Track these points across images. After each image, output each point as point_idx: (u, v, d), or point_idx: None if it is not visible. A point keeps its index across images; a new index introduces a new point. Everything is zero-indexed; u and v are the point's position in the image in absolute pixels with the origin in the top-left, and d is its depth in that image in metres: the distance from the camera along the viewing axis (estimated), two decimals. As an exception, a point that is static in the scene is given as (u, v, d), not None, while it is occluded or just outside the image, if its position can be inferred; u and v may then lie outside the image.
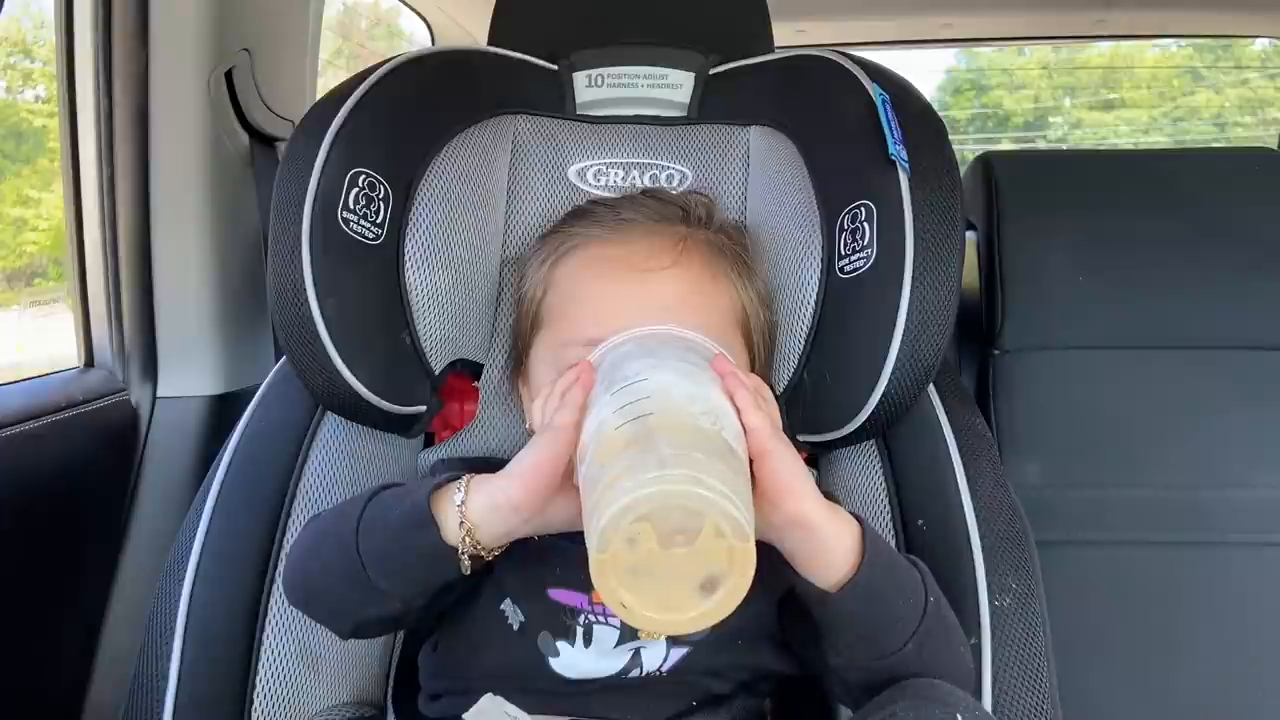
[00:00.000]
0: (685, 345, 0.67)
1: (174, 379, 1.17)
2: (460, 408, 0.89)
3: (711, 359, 0.66)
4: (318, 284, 0.78)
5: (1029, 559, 0.77)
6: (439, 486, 0.64)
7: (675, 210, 0.81)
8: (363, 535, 0.65)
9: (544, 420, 0.64)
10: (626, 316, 0.70)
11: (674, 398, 0.58)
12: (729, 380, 0.63)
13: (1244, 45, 6.58)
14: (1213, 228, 1.33)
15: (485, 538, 0.62)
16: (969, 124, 9.62)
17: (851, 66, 0.87)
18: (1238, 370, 1.32)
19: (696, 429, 0.55)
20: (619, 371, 0.62)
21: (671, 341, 0.67)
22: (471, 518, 0.62)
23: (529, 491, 0.61)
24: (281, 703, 0.76)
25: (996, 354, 1.34)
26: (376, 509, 0.66)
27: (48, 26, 1.12)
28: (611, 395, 0.59)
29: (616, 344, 0.67)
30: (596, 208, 0.84)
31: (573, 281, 0.78)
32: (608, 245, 0.78)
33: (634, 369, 0.61)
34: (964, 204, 0.80)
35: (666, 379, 0.60)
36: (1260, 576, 1.29)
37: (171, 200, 1.14)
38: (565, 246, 0.80)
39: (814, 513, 0.61)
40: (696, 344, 0.68)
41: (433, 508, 0.63)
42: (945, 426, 0.82)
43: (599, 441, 0.57)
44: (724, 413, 0.59)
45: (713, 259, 0.78)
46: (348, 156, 0.81)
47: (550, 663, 0.70)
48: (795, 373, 0.82)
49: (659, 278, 0.75)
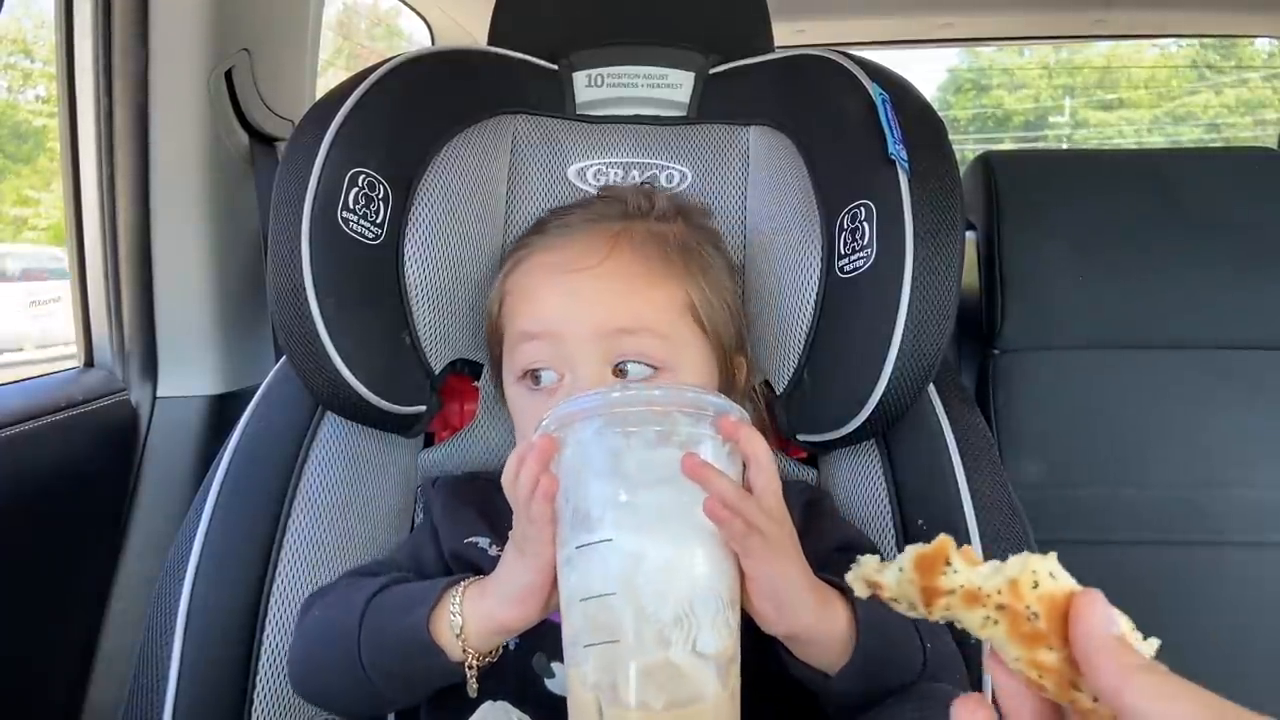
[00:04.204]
0: (656, 434, 0.57)
1: (174, 379, 1.17)
2: (460, 407, 0.89)
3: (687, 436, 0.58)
4: (317, 284, 0.78)
5: (1029, 559, 0.77)
6: (435, 605, 0.66)
7: (615, 205, 0.81)
8: (367, 652, 0.67)
9: (516, 515, 0.62)
10: (559, 315, 0.73)
11: (640, 594, 0.54)
12: (712, 492, 0.57)
13: (1246, 45, 6.58)
14: (1213, 227, 1.33)
15: (486, 649, 0.66)
16: (969, 124, 9.61)
17: (851, 66, 0.87)
18: (1238, 370, 1.32)
19: (664, 664, 0.53)
20: (583, 503, 0.57)
21: (640, 428, 0.57)
22: (472, 644, 0.65)
23: (524, 614, 0.63)
24: (281, 703, 0.76)
25: (996, 354, 1.35)
26: (378, 627, 0.68)
27: (48, 26, 1.12)
28: (575, 559, 0.56)
29: (576, 424, 0.58)
30: (550, 217, 0.84)
31: (519, 289, 0.78)
32: (548, 252, 0.78)
33: (598, 512, 0.56)
34: (964, 204, 0.80)
35: (633, 548, 0.55)
36: (1260, 576, 1.29)
37: (171, 200, 1.14)
38: (515, 257, 0.80)
39: (804, 627, 0.61)
40: (672, 420, 0.58)
41: (433, 631, 0.65)
42: (945, 426, 0.82)
43: (571, 664, 0.56)
44: (699, 594, 0.55)
45: (650, 251, 0.76)
46: (347, 156, 0.81)
47: (545, 683, 0.70)
48: (795, 372, 0.82)
49: (588, 275, 0.74)
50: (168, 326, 1.17)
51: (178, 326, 1.17)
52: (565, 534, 0.58)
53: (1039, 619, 0.39)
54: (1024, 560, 0.40)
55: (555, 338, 0.72)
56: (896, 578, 0.43)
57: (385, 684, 0.67)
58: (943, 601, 0.41)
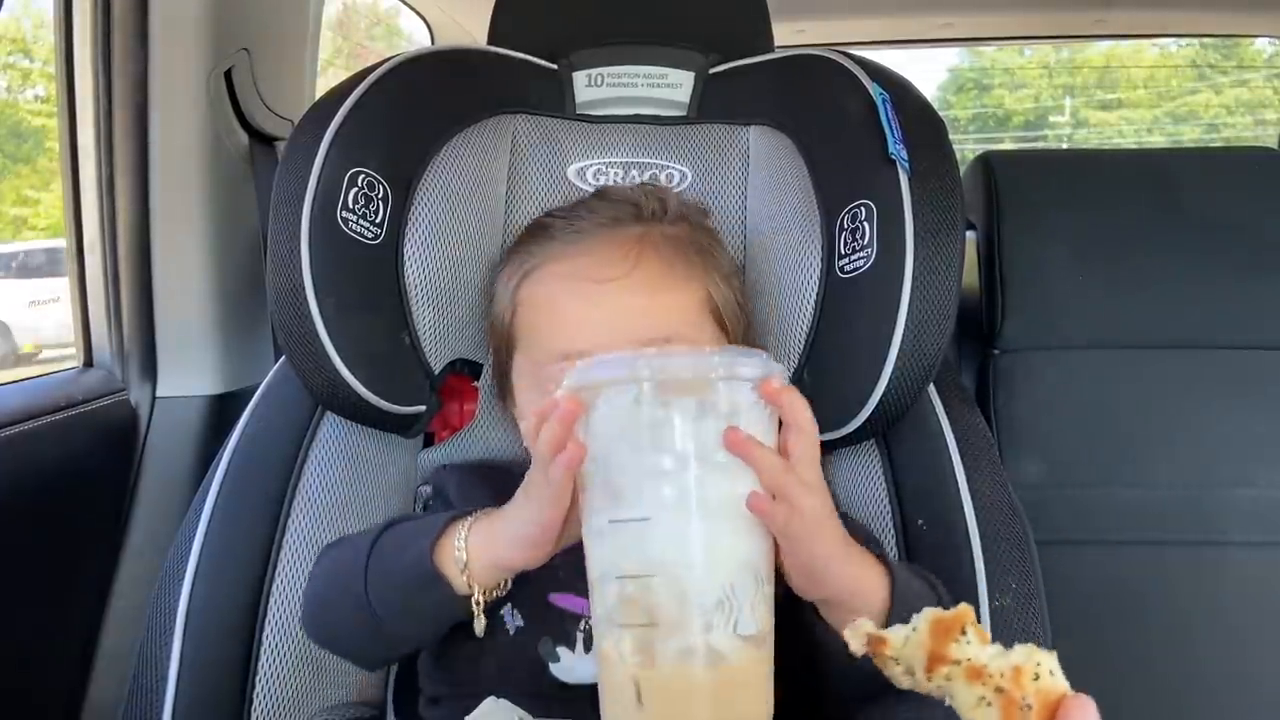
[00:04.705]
0: (696, 405, 0.54)
1: (173, 379, 1.17)
2: (460, 407, 0.89)
3: (753, 382, 0.55)
4: (317, 284, 0.78)
5: (1029, 559, 0.77)
6: (440, 537, 0.65)
7: (627, 209, 0.80)
8: (373, 587, 0.66)
9: (535, 454, 0.59)
10: (592, 331, 0.71)
11: (681, 578, 0.52)
12: (754, 460, 0.55)
13: (1246, 45, 6.58)
14: (1213, 227, 1.33)
15: (491, 583, 0.65)
16: (970, 123, 9.61)
17: (851, 66, 0.86)
18: (1238, 370, 1.32)
19: (705, 648, 0.53)
20: (616, 475, 0.54)
21: (680, 398, 0.54)
22: (477, 579, 0.64)
23: (532, 557, 0.62)
24: (281, 703, 0.76)
25: (996, 353, 1.34)
26: (381, 561, 0.67)
27: (47, 26, 1.12)
28: (607, 532, 0.54)
29: (608, 390, 0.55)
30: (554, 220, 0.82)
31: (537, 301, 0.77)
32: (564, 261, 0.77)
33: (633, 487, 0.54)
34: (964, 204, 0.80)
35: (673, 529, 0.53)
36: (1260, 576, 1.29)
37: (171, 200, 1.14)
38: (528, 265, 0.79)
39: (839, 592, 0.60)
40: (713, 398, 0.55)
41: (437, 562, 0.64)
42: (945, 426, 0.82)
43: (603, 664, 0.55)
44: (740, 576, 0.54)
45: (671, 255, 0.77)
46: (347, 156, 0.81)
47: (550, 668, 0.70)
48: (795, 372, 0.82)
49: (616, 288, 0.73)
50: (167, 326, 1.17)
51: (177, 326, 1.17)
52: (595, 503, 0.55)
53: (1031, 711, 0.40)
54: (1030, 651, 0.41)
55: (587, 356, 0.72)
56: (905, 637, 0.43)
57: (391, 619, 0.66)
58: (945, 670, 0.42)
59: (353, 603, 0.67)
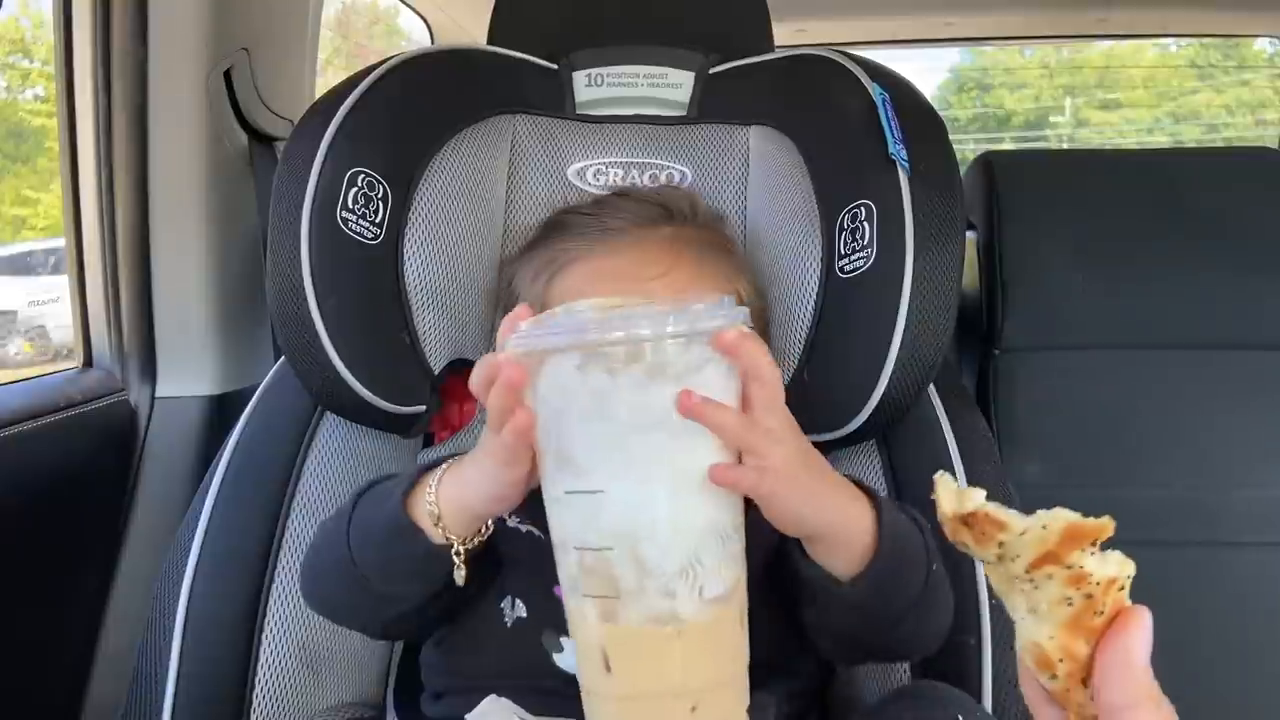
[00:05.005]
0: (645, 370, 0.50)
1: (173, 379, 1.17)
2: (460, 407, 0.89)
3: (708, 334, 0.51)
4: (317, 284, 0.78)
5: (1029, 559, 0.77)
6: (412, 489, 0.63)
7: (657, 210, 0.80)
8: (355, 546, 0.65)
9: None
10: None
11: (640, 550, 0.50)
12: (710, 421, 0.51)
13: (1247, 45, 6.57)
14: (1213, 228, 1.33)
15: (468, 532, 0.62)
16: (970, 123, 9.61)
17: (851, 66, 0.86)
18: (1238, 370, 1.32)
19: (670, 614, 0.51)
20: (567, 445, 0.51)
21: (627, 366, 0.50)
22: (452, 530, 0.61)
23: (503, 508, 0.60)
24: (281, 703, 0.76)
25: (996, 354, 1.34)
26: (362, 517, 0.66)
27: (46, 26, 1.12)
28: (563, 501, 0.52)
29: (552, 356, 0.51)
30: (577, 218, 0.82)
31: (571, 298, 0.76)
32: (598, 258, 0.77)
33: (584, 457, 0.51)
34: (964, 204, 0.80)
35: (629, 500, 0.50)
36: (1261, 576, 1.29)
37: (170, 200, 1.14)
38: (559, 262, 0.78)
39: (823, 526, 0.58)
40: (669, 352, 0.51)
41: (411, 514, 0.62)
42: (945, 426, 0.82)
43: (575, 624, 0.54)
44: (704, 540, 0.51)
45: (705, 257, 0.78)
46: (347, 156, 0.81)
47: (554, 659, 0.69)
48: (795, 372, 0.82)
49: (658, 286, 0.73)
50: (167, 326, 1.17)
51: (177, 326, 1.16)
52: (550, 472, 0.53)
53: (1101, 618, 0.39)
54: (1122, 562, 0.40)
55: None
56: (1027, 529, 0.40)
57: (376, 578, 0.64)
58: (1049, 570, 0.40)
59: (341, 567, 0.65)
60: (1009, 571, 0.41)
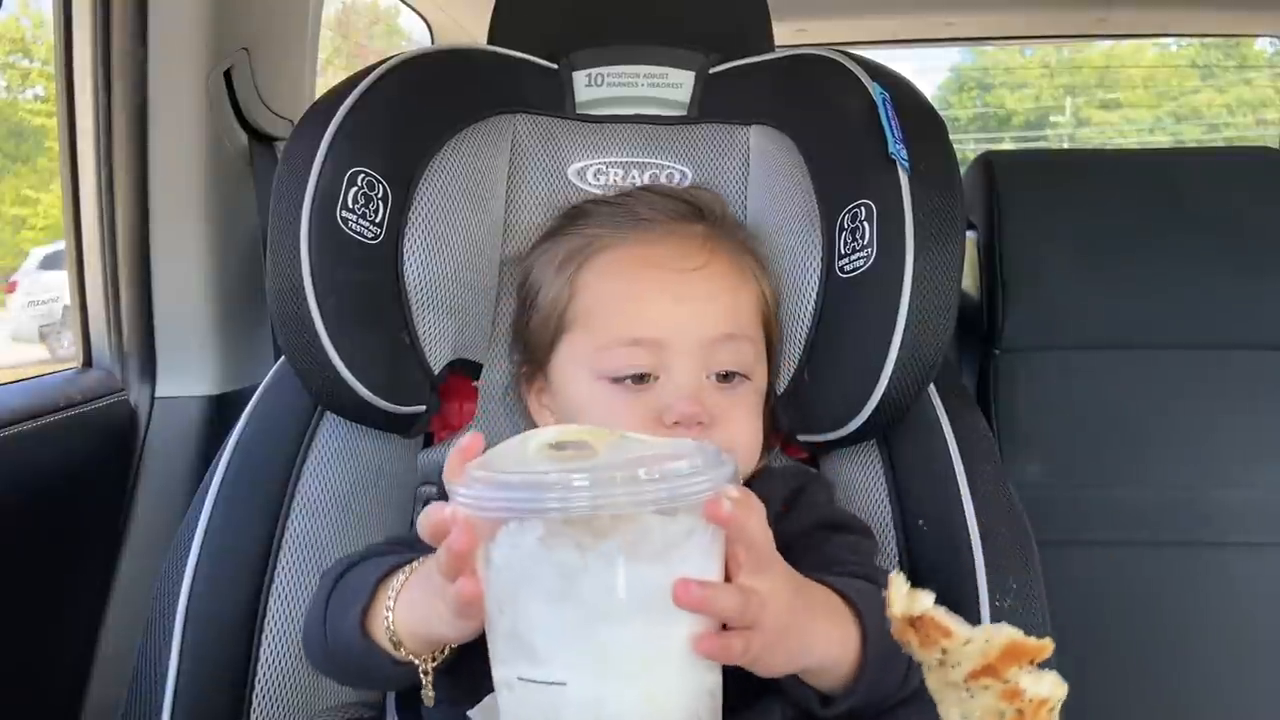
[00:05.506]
0: (620, 548, 0.43)
1: (172, 379, 1.17)
2: (460, 407, 0.89)
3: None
4: (317, 284, 0.78)
5: (1030, 559, 0.77)
6: (371, 602, 0.61)
7: (688, 208, 0.81)
8: (332, 645, 0.65)
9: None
10: (674, 319, 0.72)
11: None
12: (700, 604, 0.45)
13: (1248, 44, 6.57)
14: (1213, 227, 1.33)
15: (428, 653, 0.60)
16: (971, 123, 9.61)
17: (851, 65, 0.86)
18: (1238, 370, 1.32)
19: None
20: (524, 628, 0.45)
21: (599, 541, 0.43)
22: (411, 650, 0.59)
23: (462, 635, 0.55)
24: (281, 703, 0.76)
25: (996, 354, 1.34)
26: (333, 621, 0.65)
27: (47, 26, 1.12)
28: (516, 688, 0.45)
29: (510, 523, 0.44)
30: (605, 207, 0.82)
31: (605, 284, 0.76)
32: (635, 246, 0.77)
33: (544, 644, 0.44)
34: (964, 204, 0.80)
35: (594, 695, 0.44)
36: (1260, 577, 1.29)
37: (170, 200, 1.14)
38: (590, 249, 0.77)
39: (811, 664, 0.56)
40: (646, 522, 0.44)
41: (370, 632, 0.61)
42: (945, 426, 0.82)
43: None
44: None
45: (737, 256, 0.79)
46: (347, 156, 0.81)
47: None
48: (795, 372, 0.82)
49: (694, 277, 0.74)
50: (166, 326, 1.17)
51: (176, 326, 1.16)
52: (501, 652, 0.46)
53: None
54: (1056, 683, 0.42)
55: (660, 344, 0.71)
56: (970, 639, 0.42)
57: (358, 680, 0.65)
58: (985, 682, 0.42)
59: (327, 655, 0.67)
60: (948, 677, 0.43)
